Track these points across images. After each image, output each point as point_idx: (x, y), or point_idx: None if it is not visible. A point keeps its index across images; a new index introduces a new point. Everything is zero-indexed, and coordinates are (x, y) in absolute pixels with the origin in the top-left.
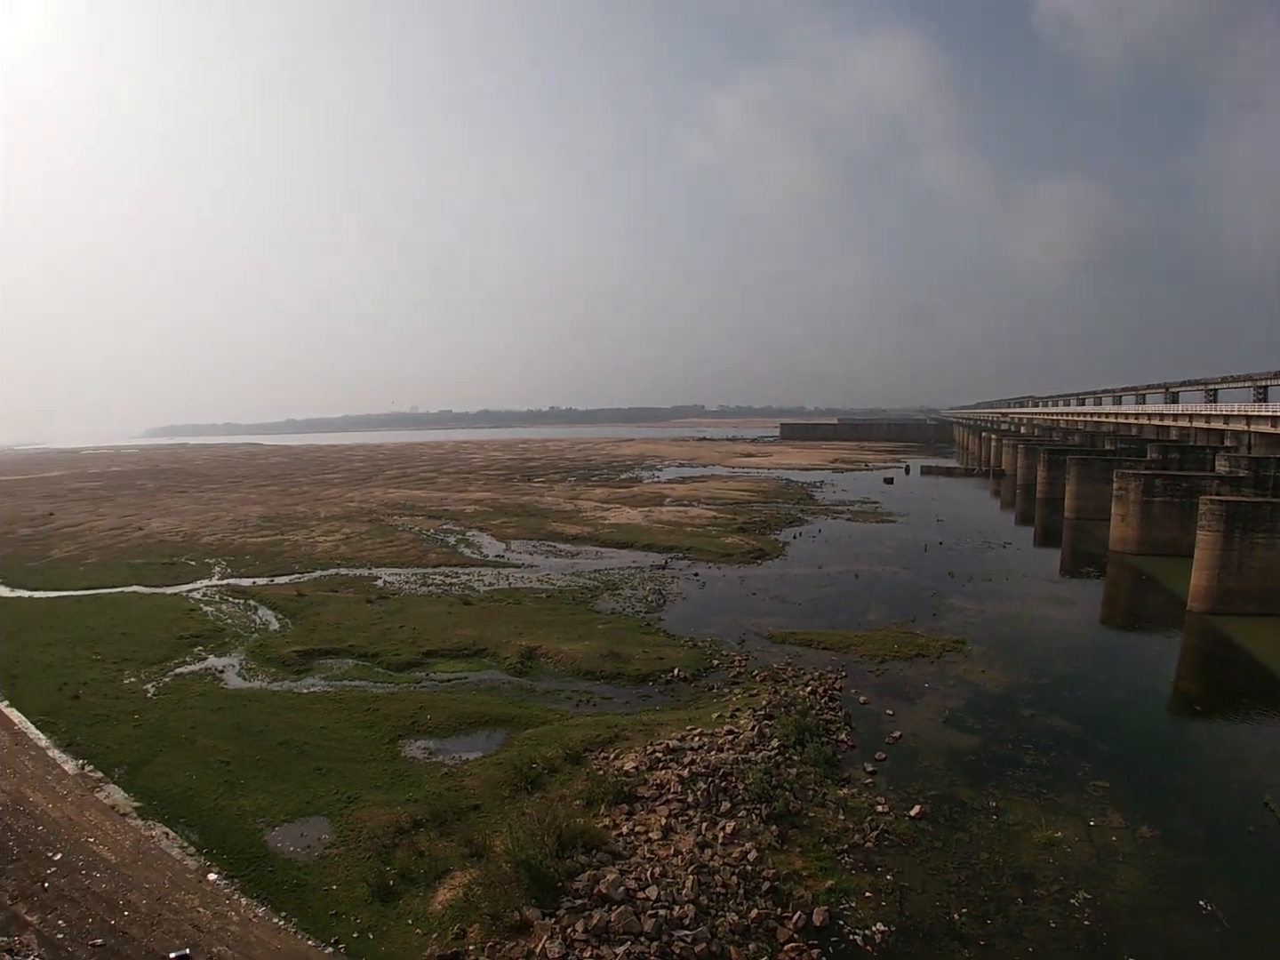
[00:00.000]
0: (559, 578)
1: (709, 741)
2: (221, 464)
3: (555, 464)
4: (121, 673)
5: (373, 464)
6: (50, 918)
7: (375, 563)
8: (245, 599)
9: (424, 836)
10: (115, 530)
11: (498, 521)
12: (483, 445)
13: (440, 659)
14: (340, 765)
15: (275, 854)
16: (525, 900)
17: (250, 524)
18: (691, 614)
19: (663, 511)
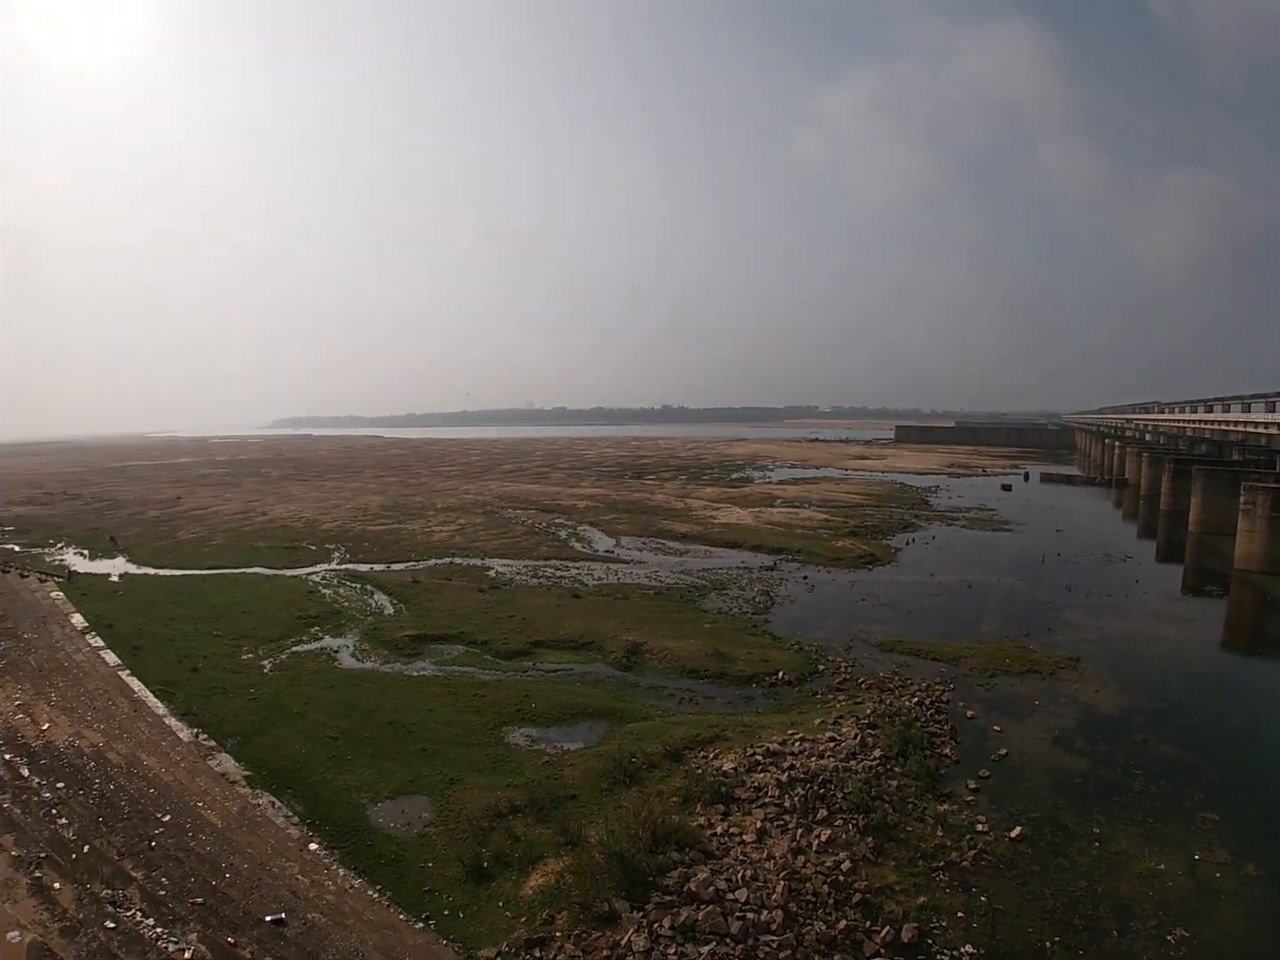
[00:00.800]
0: (667, 575)
1: (810, 747)
2: (343, 455)
3: (666, 462)
4: (240, 648)
5: (488, 458)
6: (154, 875)
7: (488, 553)
8: (362, 584)
9: (521, 822)
10: (240, 514)
11: (608, 517)
12: (596, 442)
13: (547, 650)
14: (444, 747)
15: (375, 828)
16: (615, 892)
17: (369, 512)
18: (799, 617)
19: (773, 512)
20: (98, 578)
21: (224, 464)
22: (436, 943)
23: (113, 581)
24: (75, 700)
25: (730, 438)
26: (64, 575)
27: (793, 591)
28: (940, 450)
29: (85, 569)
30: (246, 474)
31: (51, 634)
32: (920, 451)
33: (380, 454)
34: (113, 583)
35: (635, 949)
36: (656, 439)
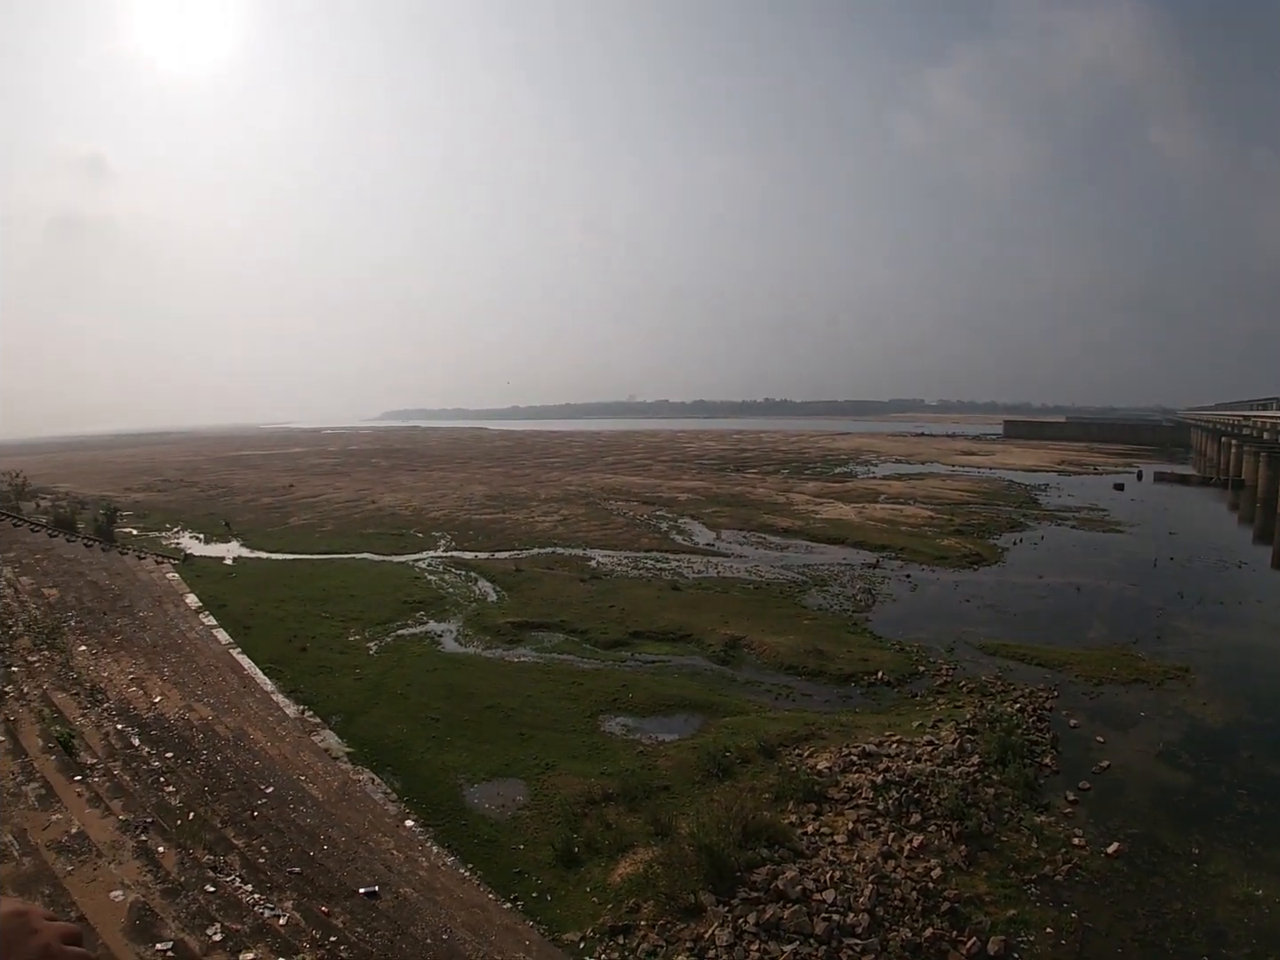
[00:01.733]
0: (767, 570)
1: (907, 750)
2: (450, 446)
3: (768, 456)
4: (347, 630)
5: (591, 450)
6: (255, 843)
7: (590, 544)
8: (466, 571)
9: (613, 810)
10: (350, 502)
11: (709, 510)
12: (697, 435)
13: (646, 641)
14: (542, 733)
15: (470, 809)
16: (702, 885)
17: (475, 502)
18: (900, 617)
19: (877, 509)
20: (212, 560)
21: (335, 454)
22: (523, 924)
23: (226, 564)
24: (187, 675)
25: (834, 431)
26: (179, 557)
27: (895, 590)
28: (1050, 446)
29: (200, 552)
30: (356, 464)
31: (166, 612)
32: (1029, 448)
33: (486, 445)
34: (226, 565)
35: (718, 943)
36: (758, 432)
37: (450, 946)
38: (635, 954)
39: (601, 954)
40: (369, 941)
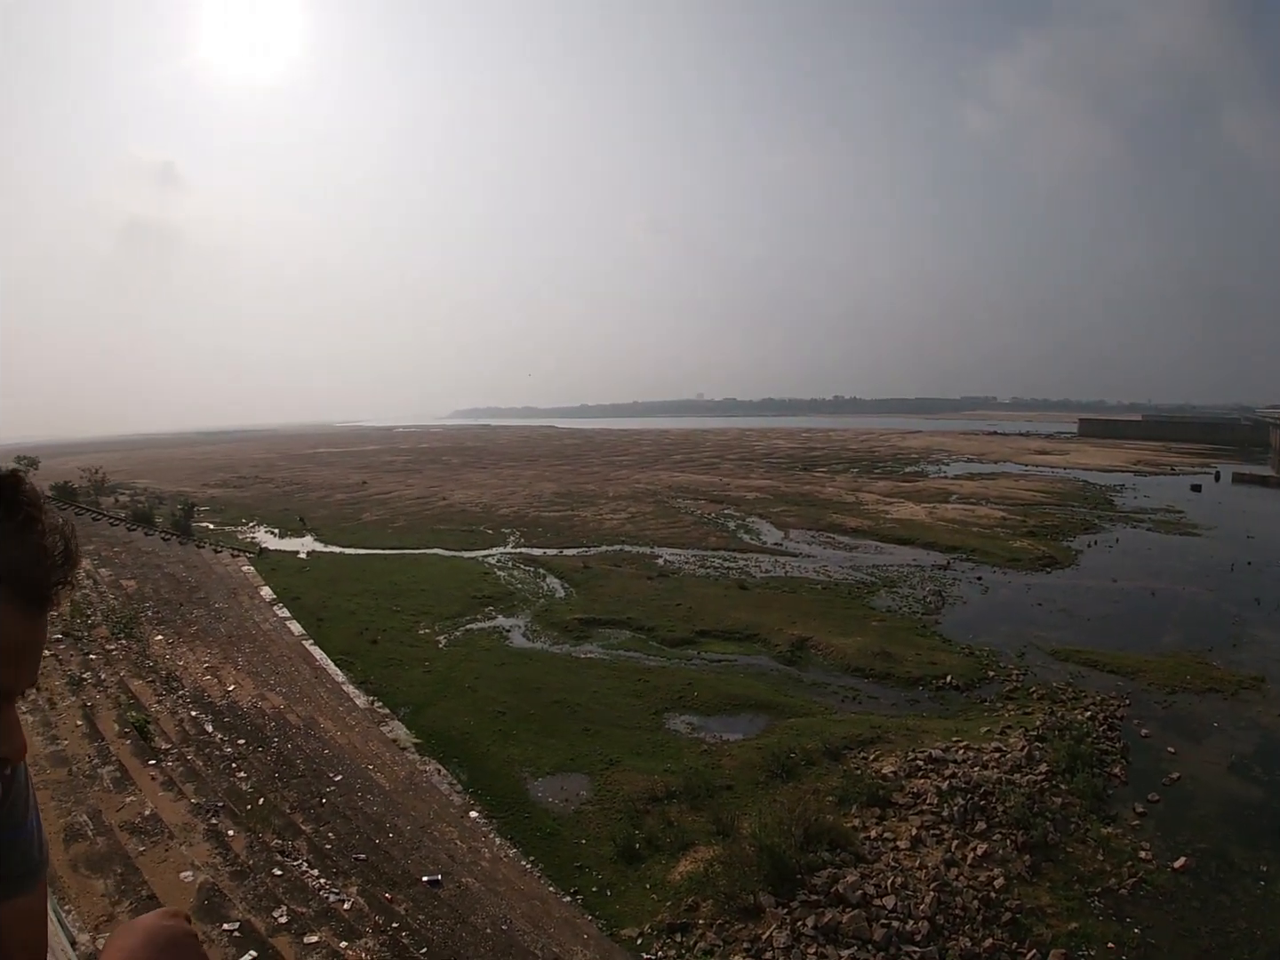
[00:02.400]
0: (836, 570)
1: (974, 756)
2: (520, 444)
3: (838, 454)
4: (417, 624)
5: (659, 448)
6: (322, 829)
7: (657, 542)
8: (535, 567)
9: (675, 807)
10: (421, 499)
11: (778, 509)
12: (766, 433)
13: (712, 639)
14: (607, 729)
15: (534, 802)
16: (762, 886)
17: (544, 499)
18: (971, 620)
19: (948, 509)
20: (286, 554)
21: (407, 452)
22: (581, 917)
23: (300, 558)
24: (260, 665)
25: (904, 430)
26: (255, 551)
27: (966, 592)
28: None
29: (275, 546)
30: (428, 461)
31: (241, 604)
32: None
33: (555, 443)
34: (300, 559)
35: (776, 944)
36: (828, 430)
37: (509, 937)
38: (692, 952)
39: (658, 951)
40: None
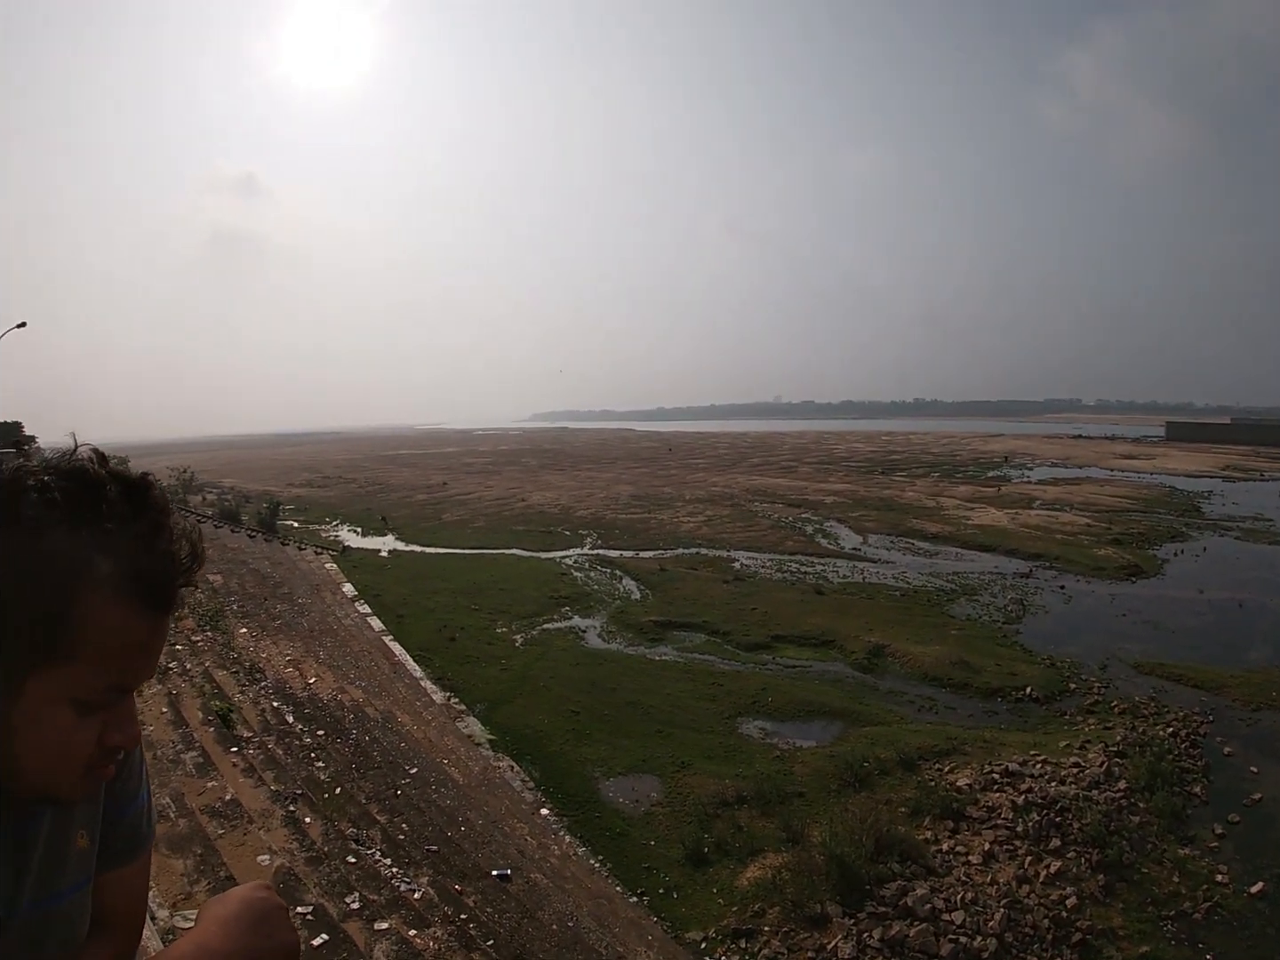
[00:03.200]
0: (915, 576)
1: (1051, 771)
2: (597, 446)
3: (918, 458)
4: (495, 623)
5: (736, 451)
6: (396, 820)
7: (734, 545)
8: (611, 569)
9: (745, 813)
10: (500, 500)
11: (856, 514)
12: (844, 436)
13: (787, 644)
14: (679, 731)
15: (604, 802)
16: (830, 895)
17: (621, 501)
18: (1052, 630)
19: (1030, 515)
20: (368, 553)
21: (486, 454)
22: (647, 919)
23: (382, 556)
24: (341, 659)
25: (986, 433)
26: (338, 549)
27: (1048, 601)
28: (1215, 450)
29: (357, 544)
30: (506, 463)
31: (324, 600)
32: (1193, 451)
33: (632, 446)
34: (382, 558)
35: (841, 955)
36: (908, 433)
37: (575, 934)
38: (756, 958)
39: (722, 956)
40: (497, 922)
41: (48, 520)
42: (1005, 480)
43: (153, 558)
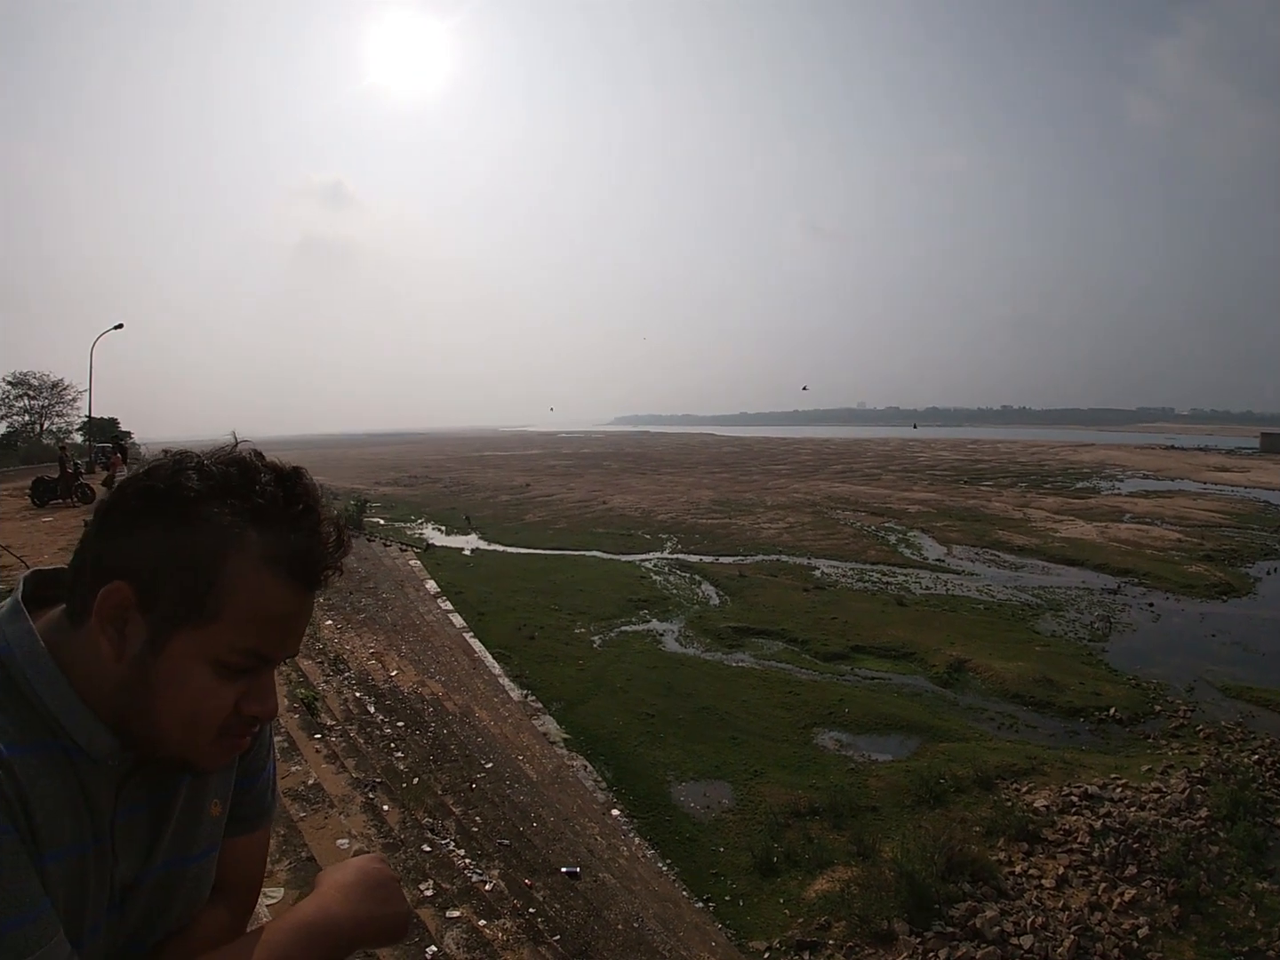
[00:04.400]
0: (999, 590)
1: (1131, 795)
2: (679, 451)
3: (1005, 467)
4: (574, 623)
5: (819, 458)
6: (470, 813)
7: (814, 553)
8: (690, 573)
9: (816, 824)
10: (581, 502)
11: (940, 524)
12: (929, 444)
13: (867, 656)
14: (753, 739)
15: (676, 806)
16: (898, 912)
17: (702, 506)
18: (1138, 649)
19: (1120, 529)
20: (451, 551)
21: (569, 456)
22: (711, 925)
23: (465, 555)
24: (422, 654)
25: (1075, 442)
26: (422, 547)
27: (1135, 619)
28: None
29: (441, 542)
30: (588, 466)
31: (407, 595)
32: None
33: (713, 451)
34: (465, 556)
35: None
36: (995, 442)
37: (640, 935)
38: None
39: None
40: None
41: (204, 493)
42: (1095, 492)
43: (301, 536)
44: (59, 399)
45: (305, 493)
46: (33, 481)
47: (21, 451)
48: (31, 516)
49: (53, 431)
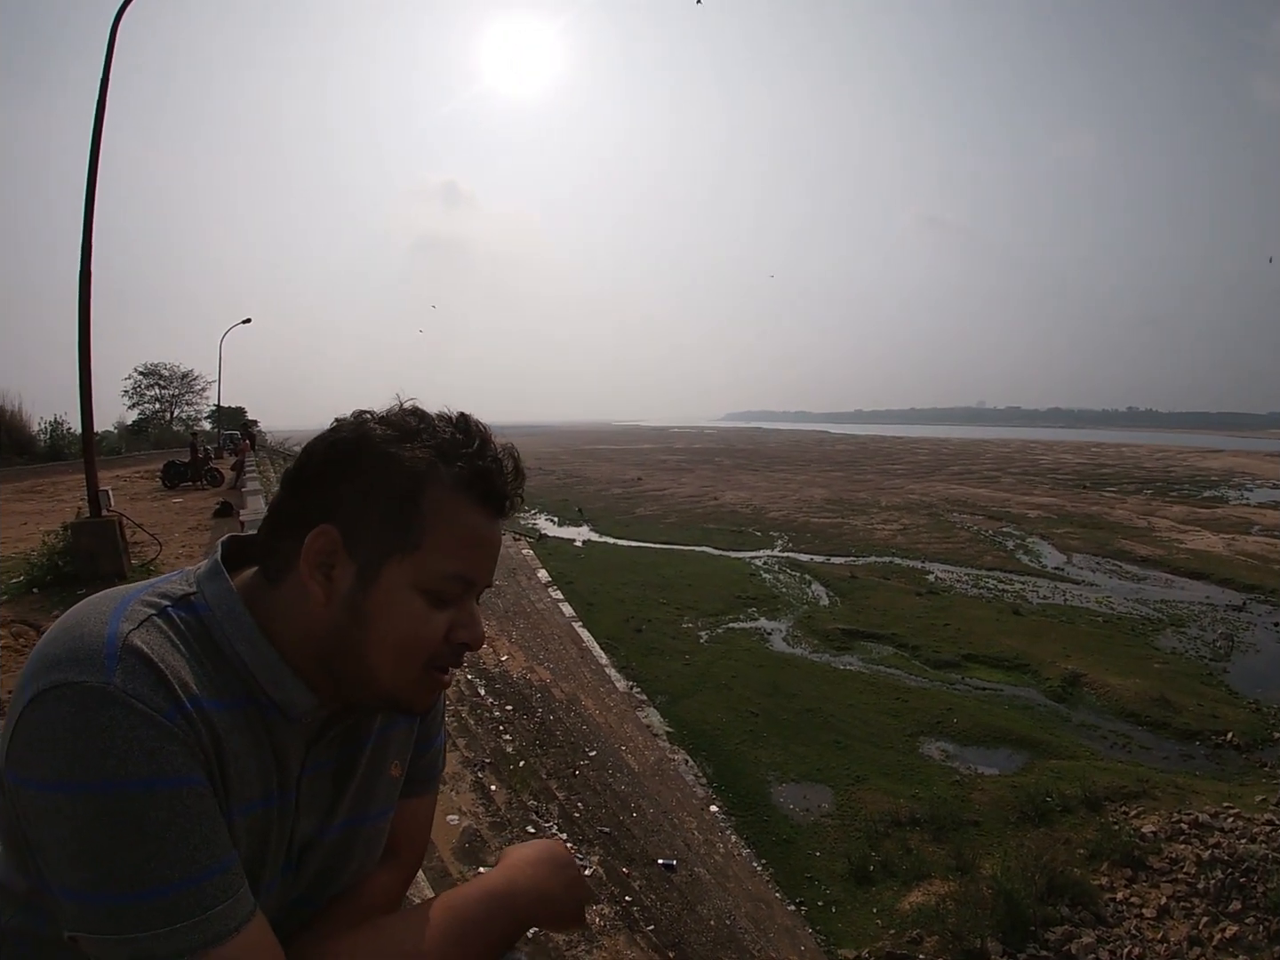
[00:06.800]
0: (1120, 602)
1: (1242, 827)
2: (792, 448)
3: (1129, 473)
4: (681, 618)
5: (936, 458)
6: (573, 798)
7: (928, 556)
8: (801, 572)
9: (916, 835)
10: (692, 498)
11: (1060, 530)
12: (1051, 446)
13: (978, 665)
14: (857, 744)
15: (774, 807)
16: (992, 931)
17: (814, 505)
18: (1263, 671)
19: (1248, 541)
20: (563, 541)
21: (681, 451)
22: (802, 929)
23: (576, 546)
24: (532, 641)
25: (1204, 448)
26: (535, 537)
27: (1261, 639)
28: None
29: (553, 533)
30: (700, 461)
31: (519, 583)
32: None
33: (827, 449)
34: (576, 547)
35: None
36: (1119, 445)
37: (730, 932)
38: None
39: None
40: (659, 909)
41: (391, 438)
42: (1222, 501)
43: (485, 463)
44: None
45: (479, 430)
46: (164, 465)
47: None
48: (162, 498)
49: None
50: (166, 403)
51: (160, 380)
